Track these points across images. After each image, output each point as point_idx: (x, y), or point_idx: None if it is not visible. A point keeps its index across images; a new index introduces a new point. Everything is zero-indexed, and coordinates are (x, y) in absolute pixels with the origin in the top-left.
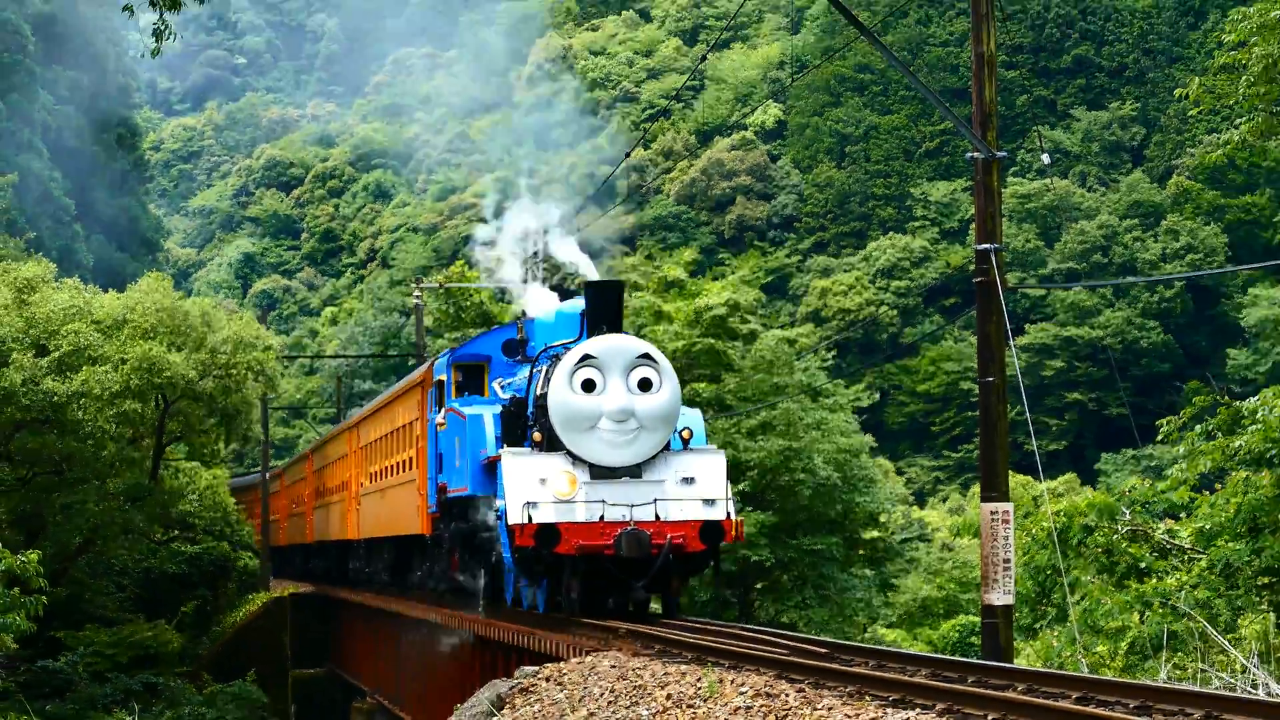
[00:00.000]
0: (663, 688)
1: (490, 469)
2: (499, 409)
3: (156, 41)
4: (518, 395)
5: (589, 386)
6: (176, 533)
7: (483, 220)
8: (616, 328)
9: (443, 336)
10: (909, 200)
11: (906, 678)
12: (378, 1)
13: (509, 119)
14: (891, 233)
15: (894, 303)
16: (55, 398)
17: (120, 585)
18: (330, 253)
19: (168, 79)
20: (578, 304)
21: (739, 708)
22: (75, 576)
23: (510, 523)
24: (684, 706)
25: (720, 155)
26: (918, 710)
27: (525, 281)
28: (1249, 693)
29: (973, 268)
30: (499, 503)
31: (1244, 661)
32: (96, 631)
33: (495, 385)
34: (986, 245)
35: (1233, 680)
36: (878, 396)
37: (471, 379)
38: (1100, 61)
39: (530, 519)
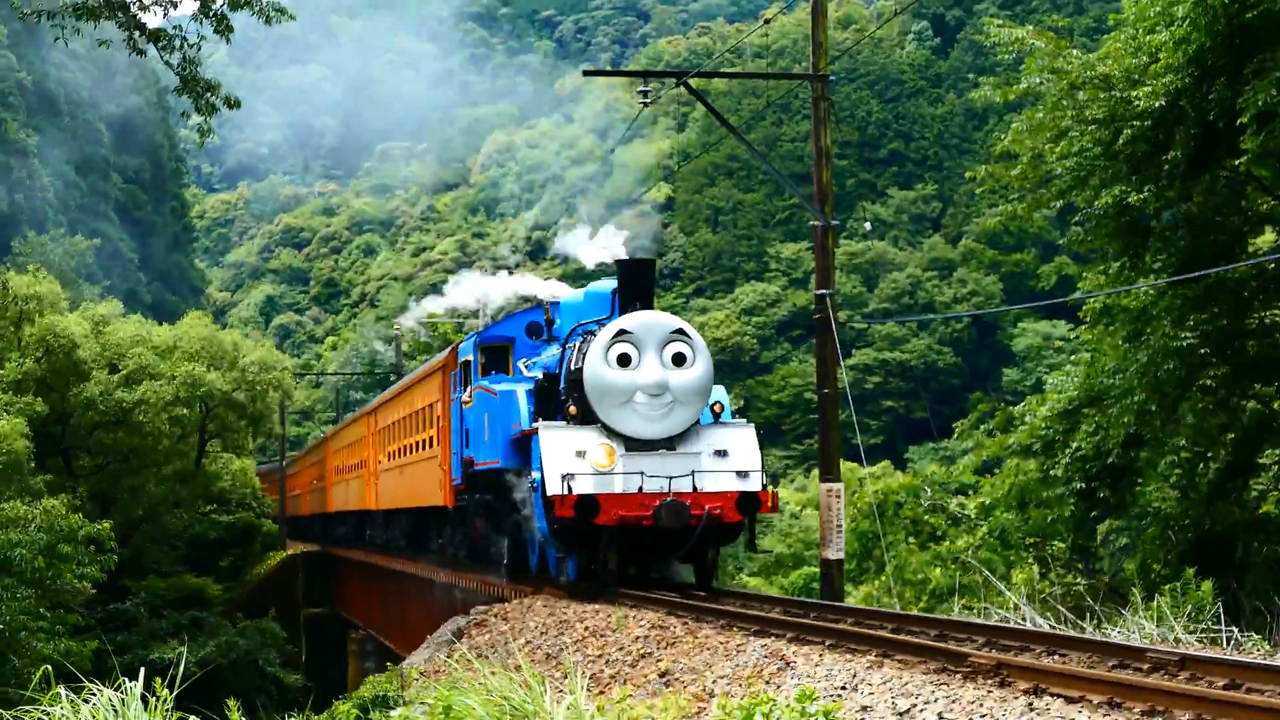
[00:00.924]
0: (582, 622)
1: (522, 443)
2: (530, 385)
3: (200, 138)
4: (549, 371)
5: (624, 361)
6: (215, 507)
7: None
8: (649, 304)
9: (415, 359)
10: (766, 257)
11: (765, 613)
12: (368, 107)
13: (467, 195)
14: (753, 281)
15: (754, 334)
16: (123, 405)
17: (173, 546)
18: (331, 295)
19: (209, 164)
20: (607, 284)
21: (639, 636)
22: (138, 541)
23: (549, 494)
24: (598, 635)
25: (624, 222)
26: (773, 638)
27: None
28: (1019, 624)
29: (813, 308)
30: (534, 475)
31: (1016, 601)
32: (155, 581)
33: (520, 365)
34: (823, 291)
35: (1008, 616)
36: (743, 403)
37: (495, 360)
38: (909, 154)
39: (570, 490)
